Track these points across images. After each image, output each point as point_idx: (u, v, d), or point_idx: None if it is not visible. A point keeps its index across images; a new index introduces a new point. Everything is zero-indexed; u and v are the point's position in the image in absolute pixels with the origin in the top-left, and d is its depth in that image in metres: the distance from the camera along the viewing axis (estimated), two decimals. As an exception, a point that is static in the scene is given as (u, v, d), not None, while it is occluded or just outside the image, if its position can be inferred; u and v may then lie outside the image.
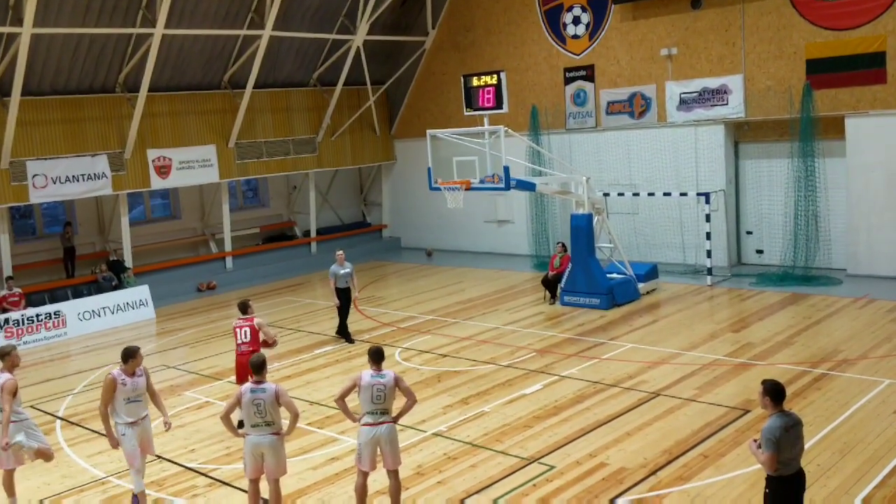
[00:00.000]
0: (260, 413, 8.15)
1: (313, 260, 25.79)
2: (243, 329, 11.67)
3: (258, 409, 8.14)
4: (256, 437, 8.20)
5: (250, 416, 8.18)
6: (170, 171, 22.02)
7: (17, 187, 19.39)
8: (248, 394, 8.18)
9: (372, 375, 8.44)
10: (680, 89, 20.44)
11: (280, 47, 23.13)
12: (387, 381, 8.39)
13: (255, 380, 8.25)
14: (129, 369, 8.80)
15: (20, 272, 20.01)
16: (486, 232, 25.27)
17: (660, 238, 21.14)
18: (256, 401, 8.14)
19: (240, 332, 11.69)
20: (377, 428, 8.34)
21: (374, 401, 8.37)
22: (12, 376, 8.96)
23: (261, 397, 8.14)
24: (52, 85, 19.96)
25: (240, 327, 11.72)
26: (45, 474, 10.50)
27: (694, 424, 10.64)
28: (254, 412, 8.15)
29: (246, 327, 11.70)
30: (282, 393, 8.26)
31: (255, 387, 8.19)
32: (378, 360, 8.54)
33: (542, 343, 15.15)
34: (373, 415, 8.40)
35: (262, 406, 8.14)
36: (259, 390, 8.16)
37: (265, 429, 8.18)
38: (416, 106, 26.66)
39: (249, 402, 8.16)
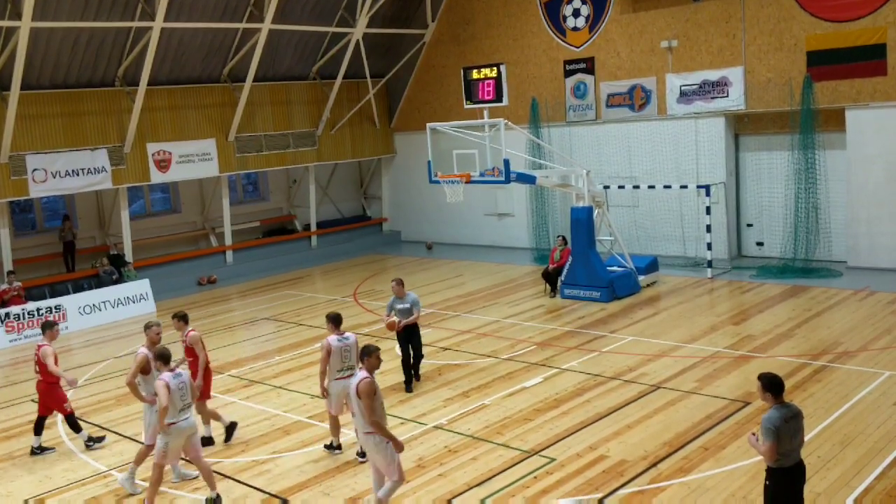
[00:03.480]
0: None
1: (313, 254, 25.83)
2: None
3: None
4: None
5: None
6: (169, 164, 22.00)
7: (17, 181, 19.38)
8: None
9: (338, 339, 9.95)
10: (680, 82, 20.41)
11: (279, 40, 23.09)
12: (351, 342, 9.99)
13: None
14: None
15: (20, 266, 20.00)
16: (486, 225, 25.26)
17: (660, 231, 21.14)
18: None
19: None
20: (346, 381, 9.51)
21: (343, 360, 9.96)
22: (148, 351, 9.73)
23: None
24: (52, 79, 19.94)
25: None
26: (48, 468, 10.53)
27: (694, 417, 10.66)
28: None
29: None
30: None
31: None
32: (339, 324, 10.10)
33: (542, 336, 15.16)
34: (341, 371, 9.95)
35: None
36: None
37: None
38: (416, 99, 26.62)
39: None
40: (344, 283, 21.69)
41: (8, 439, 11.71)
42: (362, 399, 7.86)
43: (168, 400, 8.61)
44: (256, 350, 15.82)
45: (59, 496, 9.64)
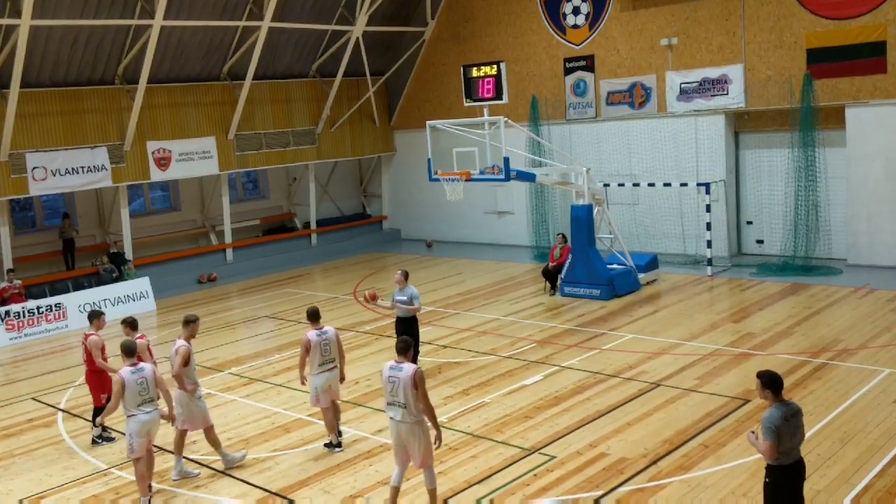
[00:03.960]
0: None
1: (313, 252, 25.82)
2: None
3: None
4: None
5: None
6: (169, 162, 22.00)
7: (17, 179, 19.37)
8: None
9: (317, 334, 10.18)
10: (680, 79, 20.40)
11: (279, 38, 23.07)
12: (330, 336, 10.26)
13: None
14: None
15: (20, 264, 20.00)
16: (486, 223, 25.25)
17: (660, 228, 21.14)
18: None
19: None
20: (329, 374, 10.20)
21: (323, 354, 10.21)
22: (189, 344, 9.85)
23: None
24: (52, 77, 19.92)
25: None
26: (48, 466, 10.54)
27: (694, 414, 10.66)
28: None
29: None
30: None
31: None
32: (317, 319, 10.37)
33: (542, 334, 15.16)
34: (323, 364, 10.20)
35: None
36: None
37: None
38: (416, 97, 26.61)
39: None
40: (344, 282, 21.69)
41: (8, 437, 11.71)
42: (419, 387, 7.93)
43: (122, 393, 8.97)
44: (256, 348, 15.82)
45: (60, 494, 9.64)
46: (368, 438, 10.65)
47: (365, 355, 14.63)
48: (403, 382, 7.94)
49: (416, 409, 7.96)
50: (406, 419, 8.00)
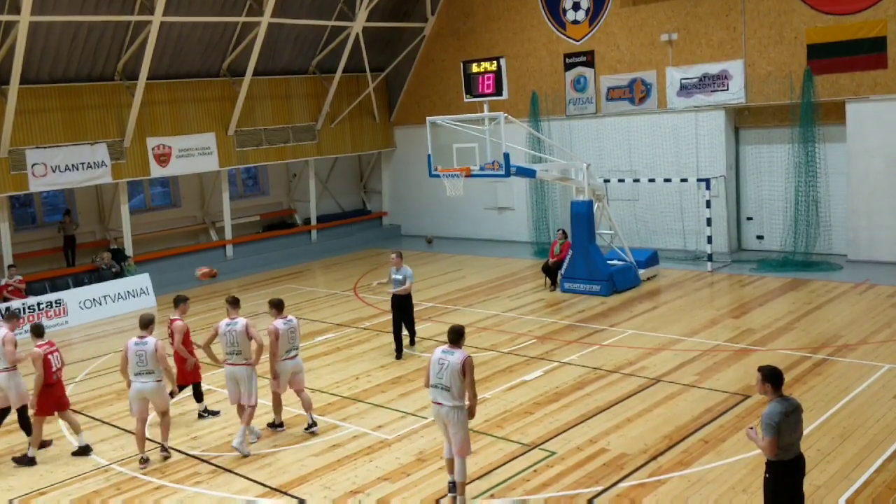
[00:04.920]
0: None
1: (313, 248, 25.82)
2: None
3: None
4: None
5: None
6: (169, 159, 21.99)
7: (17, 176, 19.36)
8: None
9: (283, 322, 10.60)
10: (680, 75, 20.38)
11: (279, 34, 23.04)
12: (295, 324, 10.73)
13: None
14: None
15: (20, 261, 20.01)
16: (486, 219, 25.24)
17: (660, 224, 21.14)
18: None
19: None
20: (293, 361, 10.66)
21: (290, 341, 10.61)
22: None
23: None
24: (51, 73, 19.91)
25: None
26: (49, 462, 10.54)
27: (694, 410, 10.68)
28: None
29: None
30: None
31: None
32: (282, 308, 10.79)
33: (542, 330, 15.18)
34: (289, 352, 10.63)
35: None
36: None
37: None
38: (416, 93, 26.59)
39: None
40: (344, 277, 21.70)
41: (9, 433, 11.70)
42: (467, 374, 8.11)
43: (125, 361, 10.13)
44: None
45: (61, 490, 9.66)
46: (368, 434, 10.67)
47: (364, 351, 14.65)
48: (452, 367, 8.15)
49: (458, 394, 8.18)
50: (447, 402, 8.22)
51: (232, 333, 10.35)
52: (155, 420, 10.74)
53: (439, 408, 8.31)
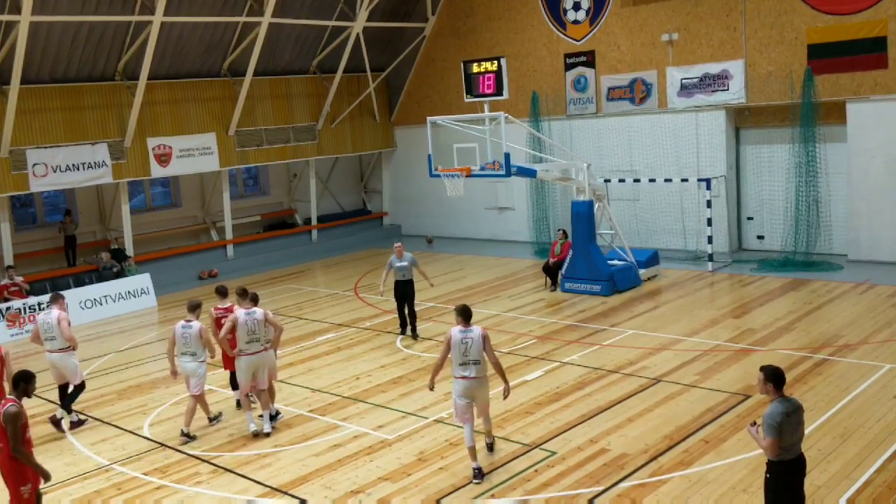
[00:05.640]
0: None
1: (314, 248, 25.83)
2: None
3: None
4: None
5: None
6: (170, 159, 21.99)
7: (18, 176, 19.37)
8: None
9: (246, 313, 10.75)
10: (681, 75, 20.38)
11: (279, 34, 23.05)
12: (259, 317, 10.77)
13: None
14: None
15: (21, 261, 20.01)
16: (486, 219, 25.26)
17: (661, 224, 21.14)
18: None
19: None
20: (259, 354, 10.79)
21: (249, 333, 10.70)
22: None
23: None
24: (52, 73, 19.91)
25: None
26: (49, 461, 10.51)
27: (695, 410, 10.68)
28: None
29: None
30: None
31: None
32: (255, 300, 11.03)
33: (543, 330, 15.18)
34: (251, 344, 10.74)
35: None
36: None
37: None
38: (416, 93, 26.59)
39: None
40: (345, 277, 21.71)
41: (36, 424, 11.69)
42: (487, 344, 9.10)
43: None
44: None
45: (62, 489, 9.66)
46: (369, 434, 10.67)
47: (365, 351, 14.65)
48: (476, 342, 9.03)
49: (484, 365, 9.10)
50: (478, 374, 9.08)
51: (252, 322, 10.68)
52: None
53: (469, 382, 9.06)
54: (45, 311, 11.81)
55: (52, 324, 11.41)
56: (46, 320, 11.49)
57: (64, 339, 11.44)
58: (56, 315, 11.48)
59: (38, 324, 11.61)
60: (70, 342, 11.51)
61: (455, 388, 9.22)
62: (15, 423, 7.55)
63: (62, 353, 11.52)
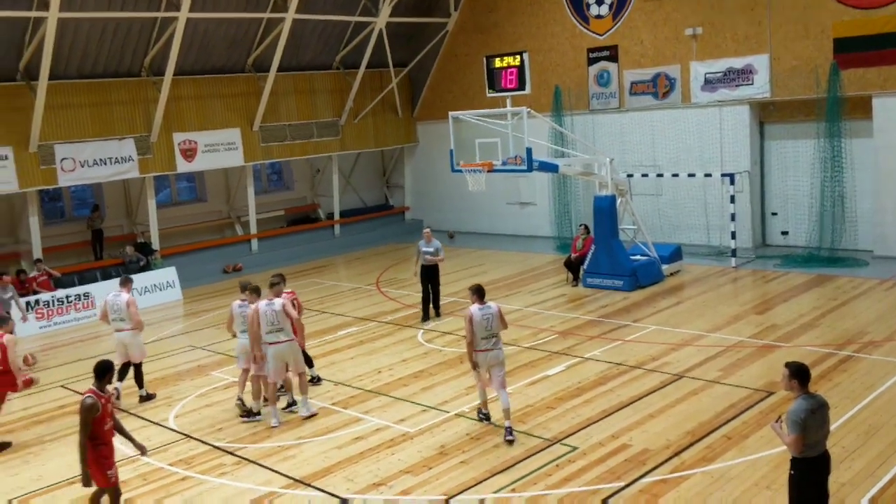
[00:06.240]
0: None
1: (337, 242, 25.97)
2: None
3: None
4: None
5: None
6: (195, 154, 22.20)
7: (46, 170, 19.64)
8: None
9: (267, 303, 10.97)
10: (705, 69, 20.25)
11: (303, 30, 23.17)
12: (277, 308, 10.92)
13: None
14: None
15: (49, 254, 20.29)
16: (508, 214, 25.25)
17: (684, 219, 21.04)
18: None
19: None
20: (286, 343, 11.01)
21: (269, 324, 10.91)
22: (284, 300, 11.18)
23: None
24: (79, 69, 20.15)
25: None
26: (77, 452, 10.70)
27: (717, 406, 10.65)
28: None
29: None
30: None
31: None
32: (260, 293, 11.28)
33: (564, 325, 15.18)
34: (275, 334, 10.93)
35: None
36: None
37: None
38: (439, 88, 26.62)
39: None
40: (366, 272, 21.81)
41: (38, 424, 11.92)
42: (503, 317, 10.26)
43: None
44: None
45: (90, 480, 9.81)
46: (391, 427, 10.75)
47: (387, 345, 14.73)
48: (495, 317, 10.15)
49: (500, 337, 10.22)
50: (498, 346, 10.16)
51: (271, 313, 10.94)
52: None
53: (488, 353, 10.07)
54: (115, 293, 12.55)
55: (122, 306, 12.29)
56: (116, 302, 12.35)
57: (132, 321, 12.27)
58: (125, 298, 12.36)
59: (106, 305, 12.44)
60: (137, 324, 12.35)
61: (477, 360, 10.15)
62: (88, 415, 7.76)
63: (131, 332, 12.38)
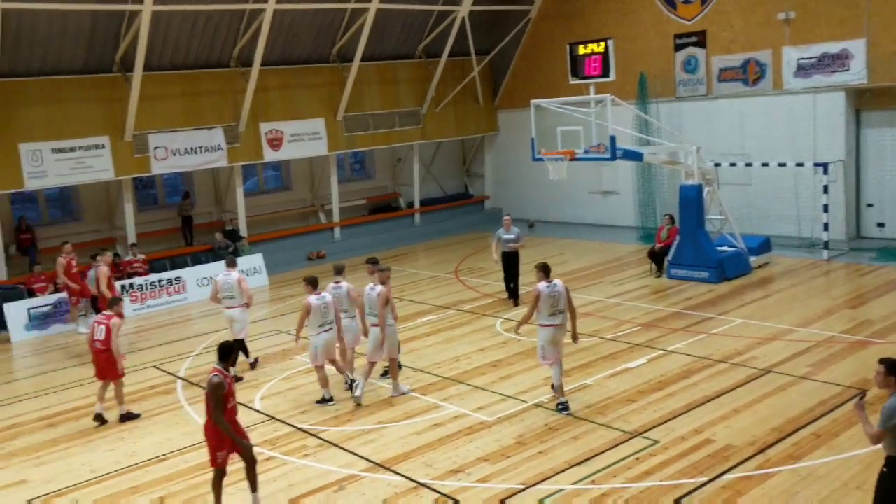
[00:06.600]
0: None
1: (417, 231, 26.16)
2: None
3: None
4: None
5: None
6: (281, 143, 22.69)
7: (140, 159, 20.40)
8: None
9: (317, 299, 11.37)
10: (798, 55, 19.52)
11: (387, 20, 23.35)
12: (329, 300, 11.47)
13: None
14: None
15: (142, 240, 21.08)
16: (590, 203, 24.96)
17: (773, 210, 20.38)
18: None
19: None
20: (327, 333, 11.47)
21: (322, 316, 11.34)
22: (385, 287, 11.50)
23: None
24: (172, 60, 20.81)
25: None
26: (168, 430, 11.16)
27: (806, 403, 10.31)
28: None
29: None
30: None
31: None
32: (317, 285, 11.56)
33: (647, 317, 14.94)
34: (322, 326, 11.39)
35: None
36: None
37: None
38: (521, 75, 26.46)
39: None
40: (445, 261, 21.92)
41: (131, 403, 12.36)
42: (570, 296, 10.51)
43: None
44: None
45: (181, 457, 10.20)
46: (469, 415, 10.79)
47: (465, 334, 14.79)
48: (562, 294, 10.41)
49: (566, 314, 10.51)
50: (563, 322, 10.49)
51: (374, 297, 11.47)
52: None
53: (557, 329, 10.44)
54: (224, 273, 13.45)
55: (233, 283, 13.22)
56: (227, 281, 13.29)
57: (244, 297, 13.18)
58: (235, 276, 13.31)
59: (217, 285, 13.36)
60: (248, 299, 13.27)
61: (544, 336, 10.49)
62: (217, 393, 8.05)
63: (241, 308, 13.26)
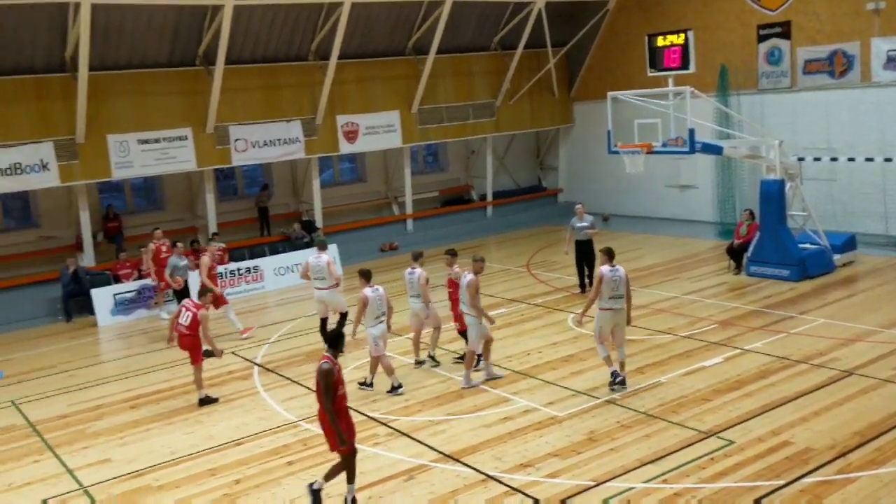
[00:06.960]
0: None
1: (489, 223, 26.14)
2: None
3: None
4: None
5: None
6: (357, 136, 22.96)
7: (221, 150, 20.93)
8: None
9: (372, 291, 11.68)
10: (888, 46, 18.71)
11: (462, 12, 23.33)
12: (383, 293, 11.75)
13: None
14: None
15: (221, 229, 21.63)
16: (667, 197, 24.51)
17: (859, 206, 19.63)
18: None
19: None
20: (382, 324, 11.75)
21: (378, 308, 11.71)
22: (475, 277, 11.94)
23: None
24: (252, 54, 21.26)
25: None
26: (244, 415, 11.46)
27: (890, 407, 9.94)
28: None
29: None
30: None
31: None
32: (370, 278, 11.89)
33: (724, 315, 14.60)
34: (378, 318, 11.67)
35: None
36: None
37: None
38: (598, 67, 26.12)
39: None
40: (517, 254, 21.84)
41: (209, 388, 12.74)
42: (629, 282, 11.06)
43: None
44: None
45: (255, 442, 10.47)
46: (539, 410, 10.76)
47: (536, 328, 14.73)
48: (623, 279, 10.95)
49: (625, 299, 10.97)
50: (622, 306, 10.98)
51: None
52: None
53: (615, 312, 10.95)
54: (315, 256, 14.20)
55: (322, 266, 13.96)
56: (317, 264, 14.04)
57: (332, 278, 13.94)
58: (325, 259, 14.06)
59: (308, 266, 14.14)
60: (336, 280, 14.06)
61: (603, 317, 11.01)
62: (326, 379, 8.11)
63: (331, 290, 14.04)
